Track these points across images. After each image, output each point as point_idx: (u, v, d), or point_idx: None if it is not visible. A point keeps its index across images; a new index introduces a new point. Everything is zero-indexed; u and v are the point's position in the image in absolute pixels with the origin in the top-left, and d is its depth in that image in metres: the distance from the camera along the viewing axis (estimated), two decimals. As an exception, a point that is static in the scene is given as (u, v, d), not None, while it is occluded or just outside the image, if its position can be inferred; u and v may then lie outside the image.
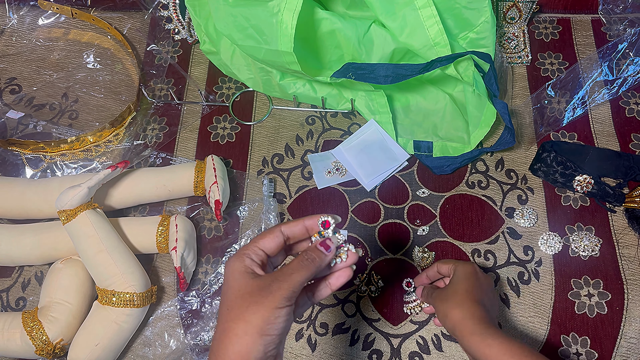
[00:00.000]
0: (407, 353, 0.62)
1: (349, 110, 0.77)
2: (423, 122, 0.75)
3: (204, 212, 0.71)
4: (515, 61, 0.80)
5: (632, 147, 0.72)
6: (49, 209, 0.67)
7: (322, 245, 0.41)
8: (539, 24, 0.84)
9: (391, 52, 0.69)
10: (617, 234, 0.67)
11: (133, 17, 0.89)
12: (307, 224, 0.43)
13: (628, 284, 0.64)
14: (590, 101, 0.75)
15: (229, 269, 0.40)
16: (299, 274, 0.39)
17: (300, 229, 0.43)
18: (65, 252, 0.64)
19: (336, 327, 0.63)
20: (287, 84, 0.76)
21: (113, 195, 0.68)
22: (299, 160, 0.74)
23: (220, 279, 0.66)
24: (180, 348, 0.63)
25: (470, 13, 0.69)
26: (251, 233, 0.68)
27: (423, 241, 0.68)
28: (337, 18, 0.67)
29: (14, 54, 0.87)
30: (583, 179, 0.68)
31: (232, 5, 0.64)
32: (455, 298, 0.53)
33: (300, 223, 0.43)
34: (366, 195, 0.71)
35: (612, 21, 0.82)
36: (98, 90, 0.82)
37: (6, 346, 0.59)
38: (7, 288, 0.68)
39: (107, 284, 0.60)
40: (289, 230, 0.43)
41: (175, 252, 0.62)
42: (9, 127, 0.79)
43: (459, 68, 0.68)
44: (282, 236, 0.42)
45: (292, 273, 0.39)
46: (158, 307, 0.65)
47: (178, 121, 0.79)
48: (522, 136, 0.75)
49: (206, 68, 0.83)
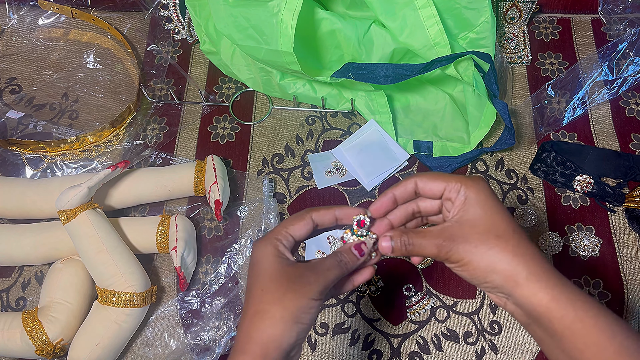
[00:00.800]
0: (407, 353, 0.62)
1: (349, 110, 0.77)
2: (423, 122, 0.75)
3: (204, 212, 0.71)
4: (515, 61, 0.80)
5: (632, 147, 0.72)
6: (49, 209, 0.67)
7: (356, 249, 0.40)
8: (539, 24, 0.84)
9: (391, 52, 0.69)
10: (617, 234, 0.67)
11: (133, 17, 0.89)
12: (339, 215, 0.42)
13: (628, 284, 0.64)
14: (590, 101, 0.75)
15: (260, 251, 0.39)
16: (332, 273, 0.38)
17: (330, 219, 0.42)
18: (65, 252, 0.64)
19: (336, 327, 0.63)
20: (287, 84, 0.76)
21: (113, 195, 0.68)
22: (299, 160, 0.74)
23: (220, 279, 0.66)
24: (180, 348, 0.63)
25: (470, 13, 0.69)
26: (251, 233, 0.68)
27: (423, 241, 0.68)
28: (337, 18, 0.67)
29: (14, 54, 0.87)
30: (583, 179, 0.68)
31: (232, 5, 0.64)
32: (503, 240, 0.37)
33: (331, 212, 0.41)
34: (366, 195, 0.71)
35: (612, 21, 0.82)
36: (98, 90, 0.82)
37: (6, 346, 0.59)
38: (7, 288, 0.68)
39: (107, 284, 0.60)
40: (319, 218, 0.41)
41: (175, 252, 0.62)
42: (9, 127, 0.79)
43: (459, 68, 0.68)
44: (313, 223, 0.41)
45: (328, 269, 0.38)
46: (158, 307, 0.65)
47: (178, 121, 0.79)
48: (522, 136, 0.75)
49: (206, 68, 0.83)
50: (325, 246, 0.67)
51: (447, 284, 0.65)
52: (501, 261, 0.36)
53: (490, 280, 0.37)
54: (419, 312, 0.63)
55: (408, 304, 0.64)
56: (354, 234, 0.41)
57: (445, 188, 0.39)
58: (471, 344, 0.62)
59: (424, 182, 0.40)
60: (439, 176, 0.40)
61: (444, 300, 0.64)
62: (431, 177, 0.40)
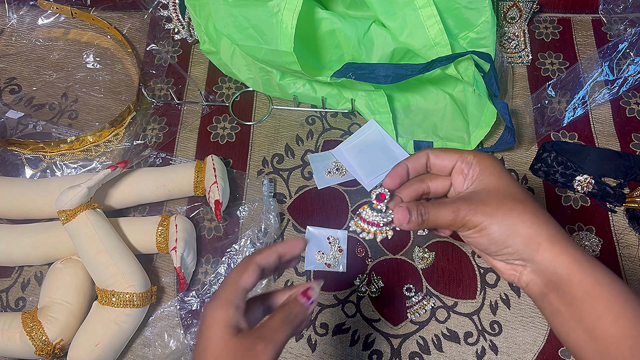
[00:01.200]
0: (407, 353, 0.62)
1: (349, 110, 0.77)
2: (423, 122, 0.75)
3: (204, 212, 0.71)
4: (515, 61, 0.80)
5: (633, 147, 0.72)
6: (49, 209, 0.66)
7: (304, 295, 0.38)
8: (539, 24, 0.84)
9: (391, 52, 0.69)
10: (618, 234, 0.67)
11: (133, 16, 0.89)
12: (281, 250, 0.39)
13: (628, 284, 0.64)
14: (590, 101, 0.75)
15: (211, 317, 0.35)
16: (283, 332, 0.36)
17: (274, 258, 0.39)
18: (65, 252, 0.64)
19: (336, 328, 0.63)
20: (287, 84, 0.76)
21: (113, 195, 0.68)
22: (299, 160, 0.74)
23: (220, 279, 0.66)
24: (180, 348, 0.63)
25: (470, 13, 0.68)
26: (251, 233, 0.68)
27: (423, 241, 0.68)
28: (337, 18, 0.67)
29: (13, 54, 0.87)
30: (583, 179, 0.68)
31: (232, 5, 0.64)
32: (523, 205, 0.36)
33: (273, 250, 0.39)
34: (366, 195, 0.71)
35: (613, 21, 0.82)
36: (98, 90, 0.82)
37: (6, 346, 0.59)
38: (6, 288, 0.68)
39: (106, 284, 0.60)
40: (264, 260, 0.38)
41: (175, 252, 0.62)
42: (8, 127, 0.79)
43: (459, 68, 0.68)
44: (259, 268, 0.38)
45: (277, 330, 0.35)
46: (158, 308, 0.65)
47: (178, 121, 0.78)
48: (522, 136, 0.74)
49: (206, 68, 0.83)
50: (325, 246, 0.67)
51: (447, 285, 0.65)
52: (524, 223, 0.35)
53: (511, 244, 0.36)
54: (419, 313, 0.63)
55: (408, 304, 0.64)
56: (373, 209, 0.40)
57: (457, 160, 0.39)
58: (471, 345, 0.61)
59: (437, 154, 0.40)
60: (451, 150, 0.40)
61: (444, 300, 0.64)
62: (444, 150, 0.40)
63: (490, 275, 0.65)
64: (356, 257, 0.67)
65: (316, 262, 0.67)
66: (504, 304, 0.64)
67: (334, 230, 0.68)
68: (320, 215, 0.70)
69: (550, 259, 0.35)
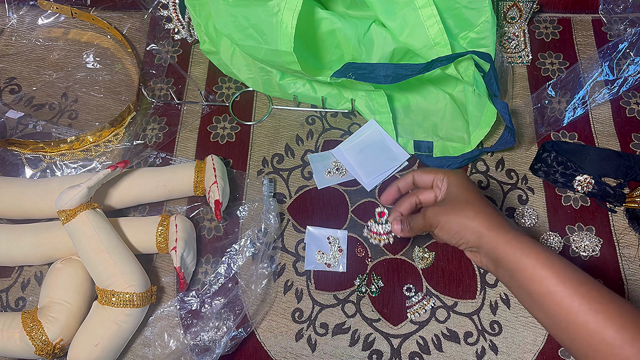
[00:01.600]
0: (407, 353, 0.62)
1: (349, 110, 0.77)
2: (423, 122, 0.75)
3: (204, 212, 0.71)
4: (515, 61, 0.80)
5: (633, 147, 0.72)
6: (49, 209, 0.66)
7: None
8: (539, 24, 0.84)
9: (391, 52, 0.69)
10: (618, 234, 0.67)
11: (133, 16, 0.89)
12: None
13: (628, 284, 0.64)
14: (590, 101, 0.75)
15: None
16: None
17: None
18: (65, 252, 0.64)
19: (336, 327, 0.63)
20: (287, 84, 0.76)
21: (113, 195, 0.68)
22: (299, 160, 0.74)
23: (220, 279, 0.66)
24: (180, 348, 0.63)
25: (470, 13, 0.68)
26: (251, 233, 0.68)
27: (423, 241, 0.68)
28: (337, 18, 0.67)
29: (13, 54, 0.87)
30: (583, 179, 0.68)
31: (232, 5, 0.64)
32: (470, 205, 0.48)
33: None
34: (366, 195, 0.71)
35: (613, 21, 0.82)
36: (98, 90, 0.82)
37: (6, 346, 0.59)
38: (6, 288, 0.68)
39: (106, 284, 0.60)
40: None
41: (175, 252, 0.62)
42: (8, 127, 0.79)
43: (459, 68, 0.68)
44: None
45: None
46: (158, 307, 0.65)
47: (178, 121, 0.78)
48: (522, 136, 0.74)
49: (206, 68, 0.83)
50: (325, 246, 0.67)
51: (447, 285, 0.65)
52: (469, 219, 0.47)
53: (464, 235, 0.47)
54: (419, 313, 0.63)
55: (408, 304, 0.64)
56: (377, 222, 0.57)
57: (434, 178, 0.52)
58: (471, 344, 0.61)
59: (419, 174, 0.54)
60: (430, 170, 0.53)
61: (444, 300, 0.64)
62: (424, 170, 0.54)
63: (490, 275, 0.65)
64: (356, 257, 0.67)
65: (316, 262, 0.67)
66: (504, 304, 0.64)
67: (334, 230, 0.68)
68: (320, 215, 0.70)
69: (491, 243, 0.46)
